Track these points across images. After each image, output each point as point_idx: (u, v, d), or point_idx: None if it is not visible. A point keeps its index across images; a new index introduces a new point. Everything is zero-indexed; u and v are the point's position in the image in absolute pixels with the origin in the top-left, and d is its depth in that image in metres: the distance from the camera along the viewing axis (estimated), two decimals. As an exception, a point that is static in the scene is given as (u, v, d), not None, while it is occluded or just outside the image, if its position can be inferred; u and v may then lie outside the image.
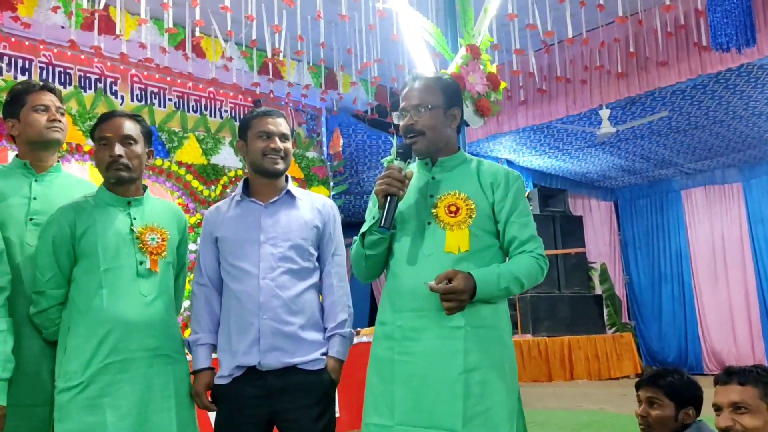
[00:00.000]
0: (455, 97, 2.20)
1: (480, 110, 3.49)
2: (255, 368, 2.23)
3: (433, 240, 2.07)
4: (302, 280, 2.32)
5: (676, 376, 2.46)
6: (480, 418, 1.93)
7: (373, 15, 4.96)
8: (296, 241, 2.33)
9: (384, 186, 2.03)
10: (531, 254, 2.07)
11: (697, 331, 10.99)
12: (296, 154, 7.18)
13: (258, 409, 2.23)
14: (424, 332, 2.01)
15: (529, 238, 2.09)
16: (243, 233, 2.33)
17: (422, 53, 3.94)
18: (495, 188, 2.11)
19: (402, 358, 2.02)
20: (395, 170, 2.05)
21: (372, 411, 2.07)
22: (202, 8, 4.49)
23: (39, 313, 2.24)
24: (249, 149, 2.40)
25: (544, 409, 6.80)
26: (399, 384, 2.01)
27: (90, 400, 2.11)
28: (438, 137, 2.15)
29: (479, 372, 1.96)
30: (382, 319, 2.14)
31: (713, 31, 4.96)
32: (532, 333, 9.98)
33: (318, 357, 2.29)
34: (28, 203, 2.36)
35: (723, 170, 10.94)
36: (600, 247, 12.01)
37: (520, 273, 2.03)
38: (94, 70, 5.85)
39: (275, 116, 2.42)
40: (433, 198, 2.12)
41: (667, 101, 7.76)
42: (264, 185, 2.40)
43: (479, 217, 2.07)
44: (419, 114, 2.13)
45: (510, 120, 7.41)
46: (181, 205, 6.33)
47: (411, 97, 2.15)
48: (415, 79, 2.20)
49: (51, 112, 2.43)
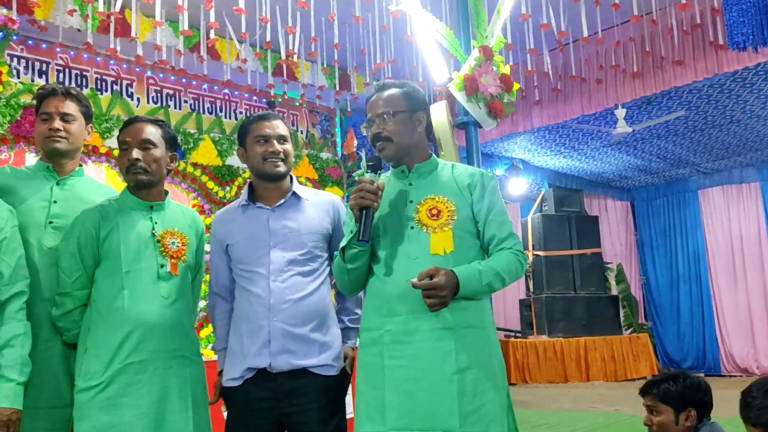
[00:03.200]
0: (419, 102, 2.24)
1: (493, 112, 3.47)
2: (265, 370, 2.25)
3: (418, 243, 2.10)
4: (313, 281, 2.34)
5: (671, 381, 2.49)
6: (474, 416, 1.97)
7: (386, 16, 4.96)
8: (306, 243, 2.35)
9: (358, 200, 2.06)
10: (510, 251, 2.13)
11: (715, 332, 10.88)
12: (310, 154, 7.20)
13: (268, 412, 2.24)
14: (415, 335, 2.04)
15: (507, 236, 2.15)
16: (252, 239, 2.35)
17: (435, 55, 3.93)
18: (472, 189, 2.17)
19: (393, 362, 2.05)
20: (367, 182, 2.08)
21: (364, 419, 2.08)
22: (217, 10, 4.51)
23: (64, 315, 2.27)
24: (249, 155, 2.42)
25: (559, 410, 6.78)
26: (390, 389, 2.03)
27: (109, 400, 2.15)
28: (405, 142, 2.19)
29: (471, 371, 2.01)
30: (368, 326, 2.15)
31: (729, 30, 4.90)
32: (547, 334, 9.95)
33: (328, 361, 2.30)
34: (49, 206, 2.39)
35: (740, 169, 10.83)
36: (616, 247, 11.93)
37: (501, 269, 2.08)
38: (110, 72, 5.90)
39: (271, 119, 2.44)
40: (413, 203, 2.16)
41: (683, 100, 7.70)
42: (268, 189, 2.41)
43: (460, 218, 2.13)
44: (384, 122, 2.18)
45: (525, 120, 7.38)
46: (197, 206, 6.36)
47: (376, 107, 2.20)
48: (378, 89, 2.25)
49: (52, 120, 2.41)
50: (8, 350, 2.08)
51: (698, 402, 2.46)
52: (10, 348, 2.08)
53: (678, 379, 2.49)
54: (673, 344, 11.41)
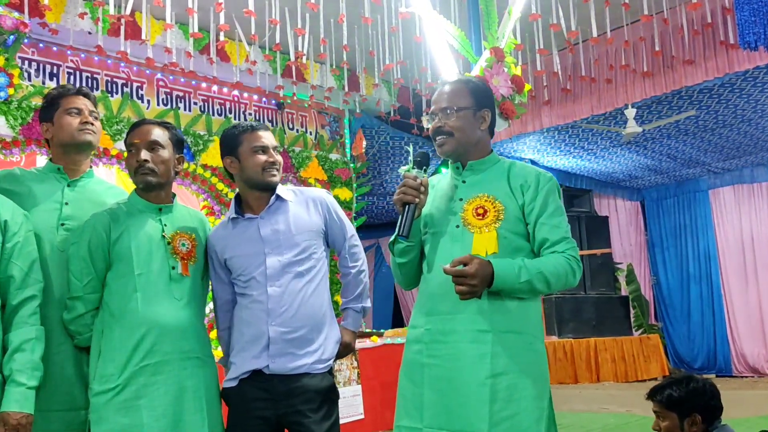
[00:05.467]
0: (485, 98, 2.20)
1: (504, 113, 3.47)
2: (261, 371, 2.28)
3: (462, 243, 2.07)
4: (310, 281, 2.37)
5: (675, 387, 2.48)
6: (506, 423, 1.93)
7: (395, 17, 4.97)
8: (299, 244, 2.37)
9: (400, 195, 2.06)
10: (563, 254, 2.02)
11: (726, 333, 10.80)
12: (319, 156, 7.21)
13: (264, 412, 2.27)
14: (452, 335, 2.02)
15: (560, 239, 2.04)
16: (247, 250, 2.37)
17: (445, 56, 3.93)
18: (525, 190, 2.09)
19: (431, 361, 2.05)
20: (410, 179, 2.07)
21: (403, 413, 2.10)
22: (227, 13, 4.53)
23: (75, 318, 2.28)
24: (244, 165, 2.40)
25: (569, 412, 6.75)
26: (428, 387, 2.03)
27: (127, 402, 2.16)
28: (467, 139, 2.15)
29: (507, 377, 1.96)
30: (414, 323, 2.16)
31: (741, 29, 4.88)
32: (557, 335, 9.91)
33: (323, 358, 2.34)
34: (60, 208, 2.40)
35: (752, 169, 10.75)
36: (626, 247, 11.87)
37: (546, 269, 1.98)
38: (120, 75, 5.92)
39: (264, 129, 2.45)
40: (461, 201, 2.12)
41: (694, 100, 7.65)
42: (257, 198, 2.42)
43: (508, 218, 2.06)
44: (447, 116, 2.14)
45: (534, 120, 7.36)
46: (207, 207, 6.39)
47: (440, 101, 2.17)
48: (445, 83, 2.22)
49: (84, 115, 2.45)
50: (19, 354, 2.08)
51: (703, 407, 2.45)
52: (22, 352, 2.09)
53: (681, 384, 2.48)
54: (684, 345, 11.35)
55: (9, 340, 2.10)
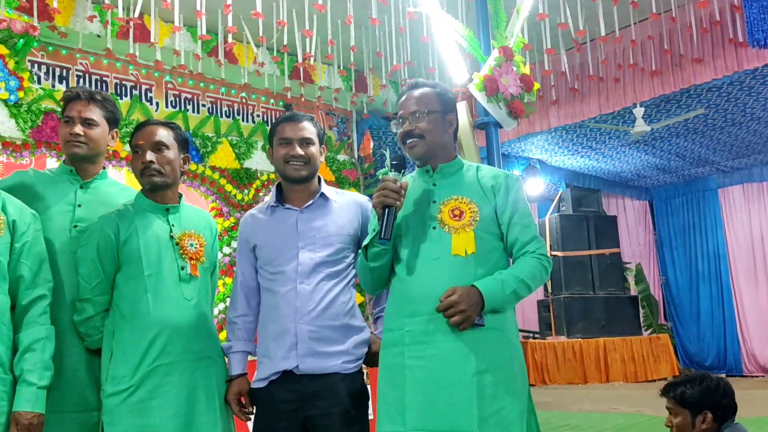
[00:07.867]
0: (451, 103, 2.25)
1: (513, 112, 3.47)
2: (292, 372, 2.25)
3: (440, 244, 2.09)
4: (340, 282, 2.34)
5: (688, 384, 2.49)
6: (493, 419, 1.96)
7: (403, 18, 4.97)
8: (334, 245, 2.34)
9: (381, 198, 2.06)
10: (533, 255, 2.12)
11: (736, 332, 10.76)
12: (327, 157, 7.21)
13: (292, 414, 2.24)
14: (435, 335, 2.03)
15: (531, 239, 2.13)
16: (280, 240, 2.34)
17: (454, 55, 3.93)
18: (496, 191, 2.16)
19: (413, 362, 2.04)
20: (390, 181, 2.07)
21: (385, 419, 2.08)
22: (235, 15, 4.53)
23: (85, 321, 2.28)
24: (273, 156, 2.41)
25: (579, 412, 6.74)
26: (410, 389, 2.03)
27: (139, 403, 2.17)
28: (436, 141, 2.19)
29: (490, 373, 2.00)
30: (390, 326, 2.15)
31: (749, 27, 4.85)
32: (566, 335, 9.89)
33: (352, 362, 2.30)
34: (73, 210, 2.40)
35: (761, 167, 10.71)
36: (635, 247, 11.84)
37: (524, 275, 2.08)
38: (129, 77, 5.95)
39: (296, 121, 2.41)
40: (436, 203, 2.15)
41: (702, 99, 7.63)
42: (296, 190, 2.41)
43: (483, 220, 2.11)
44: (417, 119, 2.17)
45: (542, 119, 7.34)
46: (215, 208, 6.40)
47: (409, 105, 2.20)
48: (411, 88, 2.24)
49: (72, 125, 2.41)
50: (30, 354, 2.09)
51: (716, 405, 2.45)
52: (32, 352, 2.09)
53: (695, 382, 2.49)
54: (694, 345, 11.30)
55: (20, 340, 2.10)
